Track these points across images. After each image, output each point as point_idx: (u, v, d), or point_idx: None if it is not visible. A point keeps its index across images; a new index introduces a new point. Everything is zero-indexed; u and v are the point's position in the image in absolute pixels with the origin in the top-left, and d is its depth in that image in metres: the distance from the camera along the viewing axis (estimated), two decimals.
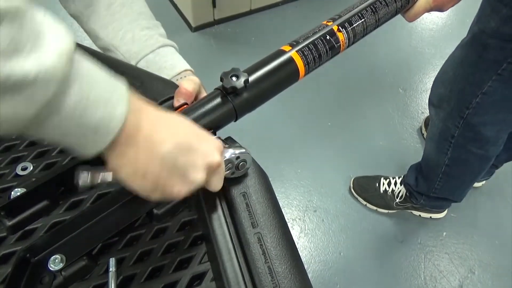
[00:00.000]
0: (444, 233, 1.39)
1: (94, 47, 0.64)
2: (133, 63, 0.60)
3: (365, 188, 1.42)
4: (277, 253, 0.35)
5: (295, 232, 1.37)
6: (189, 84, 0.54)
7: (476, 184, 1.47)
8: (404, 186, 1.36)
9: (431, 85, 1.88)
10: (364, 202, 1.42)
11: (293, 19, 2.23)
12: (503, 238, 1.39)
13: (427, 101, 1.82)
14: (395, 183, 1.39)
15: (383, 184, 1.40)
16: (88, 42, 0.64)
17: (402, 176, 1.40)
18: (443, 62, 1.09)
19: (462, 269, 1.31)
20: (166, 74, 0.60)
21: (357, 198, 1.44)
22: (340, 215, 1.41)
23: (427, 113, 1.77)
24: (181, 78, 0.60)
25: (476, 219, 1.44)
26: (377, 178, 1.43)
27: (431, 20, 2.26)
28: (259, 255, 0.35)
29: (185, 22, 2.11)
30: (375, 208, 1.40)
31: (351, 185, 1.45)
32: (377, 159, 1.59)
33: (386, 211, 1.40)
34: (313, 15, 2.26)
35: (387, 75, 1.95)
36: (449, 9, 0.67)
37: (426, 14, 0.69)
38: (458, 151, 1.09)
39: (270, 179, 0.48)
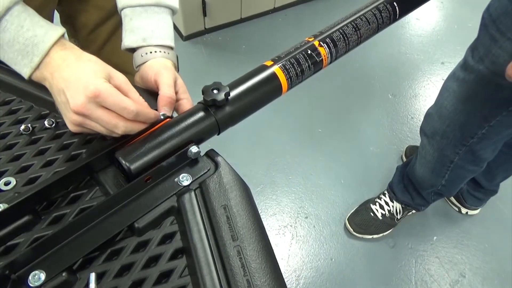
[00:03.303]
0: (435, 238, 1.40)
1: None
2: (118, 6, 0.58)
3: (365, 225, 1.37)
4: (256, 266, 0.36)
5: (286, 239, 1.37)
6: (168, 85, 0.52)
7: (471, 212, 1.46)
8: (399, 202, 1.36)
9: (420, 90, 1.93)
10: (370, 236, 1.36)
11: (282, 27, 2.25)
12: (492, 241, 1.40)
13: (416, 106, 1.86)
14: (387, 203, 1.37)
15: (376, 210, 1.37)
16: None
17: (386, 193, 1.39)
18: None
19: (453, 273, 1.32)
20: (140, 38, 0.56)
21: (363, 238, 1.37)
22: (331, 221, 1.42)
23: (416, 118, 1.79)
24: (151, 52, 0.56)
25: (465, 223, 1.45)
26: (367, 207, 1.40)
27: (420, 27, 2.30)
28: (238, 268, 0.35)
29: (176, 31, 2.12)
30: (381, 234, 1.37)
31: (350, 229, 1.38)
32: (367, 164, 1.60)
33: (391, 230, 1.38)
34: (301, 23, 2.29)
35: (377, 81, 1.97)
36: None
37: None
38: (456, 172, 1.11)
39: (261, 185, 0.48)
